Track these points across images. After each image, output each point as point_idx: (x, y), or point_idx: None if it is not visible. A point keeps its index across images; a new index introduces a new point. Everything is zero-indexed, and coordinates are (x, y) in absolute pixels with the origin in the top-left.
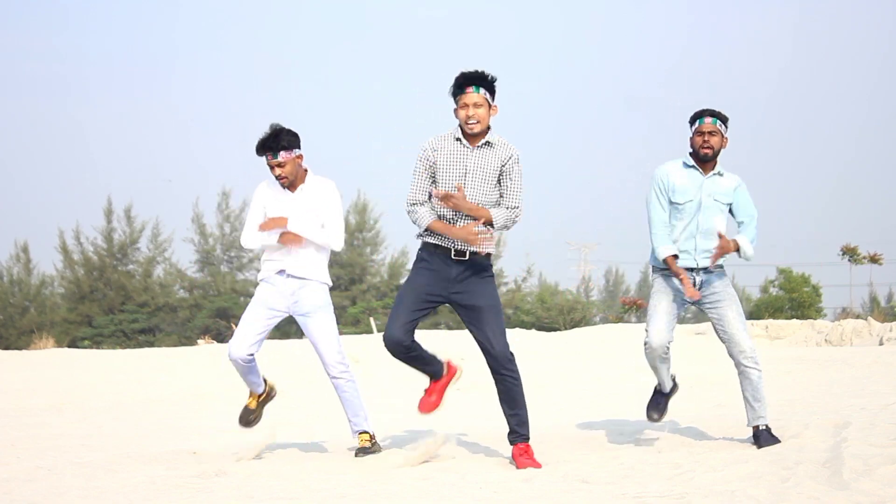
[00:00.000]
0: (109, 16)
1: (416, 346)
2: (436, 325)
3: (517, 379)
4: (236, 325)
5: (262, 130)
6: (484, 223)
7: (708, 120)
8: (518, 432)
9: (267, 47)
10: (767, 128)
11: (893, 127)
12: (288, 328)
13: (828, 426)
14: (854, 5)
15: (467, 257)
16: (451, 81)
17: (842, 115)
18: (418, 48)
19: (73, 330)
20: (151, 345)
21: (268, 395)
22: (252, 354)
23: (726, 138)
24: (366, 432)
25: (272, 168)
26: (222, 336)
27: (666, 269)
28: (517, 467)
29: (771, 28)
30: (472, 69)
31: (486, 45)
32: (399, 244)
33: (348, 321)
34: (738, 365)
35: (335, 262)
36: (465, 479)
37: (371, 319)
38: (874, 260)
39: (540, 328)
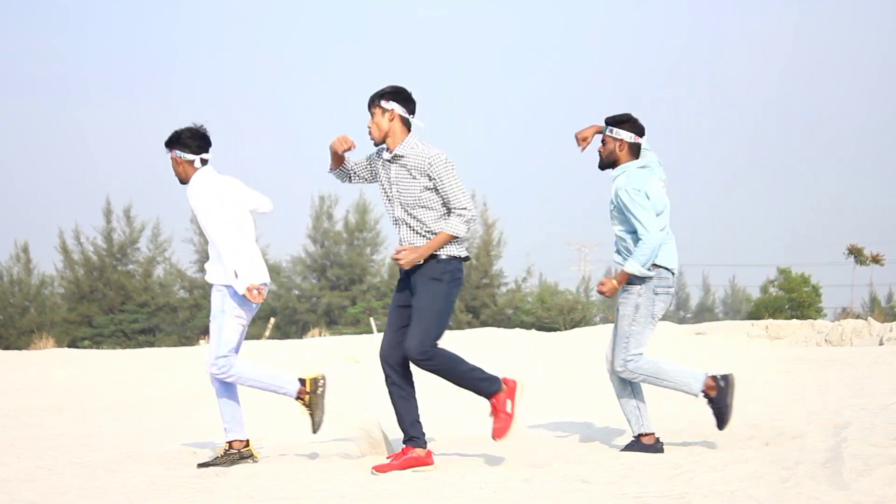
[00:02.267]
0: (109, 16)
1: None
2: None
3: (441, 368)
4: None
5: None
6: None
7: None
8: (484, 392)
9: (267, 47)
10: (768, 128)
11: (893, 127)
12: (288, 328)
13: (828, 426)
14: (855, 5)
15: (423, 262)
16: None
17: (841, 115)
18: (419, 48)
19: (73, 330)
20: (151, 345)
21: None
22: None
23: (615, 138)
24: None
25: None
26: None
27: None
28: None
29: (772, 28)
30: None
31: (486, 45)
32: None
33: (348, 321)
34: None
35: (335, 262)
36: (465, 479)
37: (371, 319)
38: (875, 260)
39: (540, 328)
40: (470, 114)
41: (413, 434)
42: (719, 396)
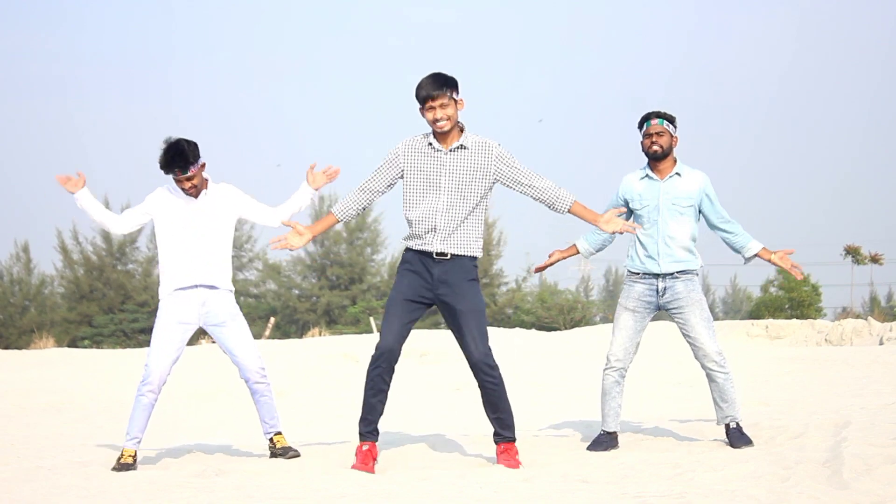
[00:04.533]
0: (106, 17)
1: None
2: (436, 325)
3: (498, 384)
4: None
5: (159, 146)
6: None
7: (654, 121)
8: (501, 434)
9: (266, 49)
10: (769, 128)
11: (892, 127)
12: (288, 328)
13: (828, 426)
14: (856, 7)
15: (448, 258)
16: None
17: (841, 115)
18: (419, 48)
19: (73, 330)
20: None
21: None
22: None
23: (676, 137)
24: (281, 433)
25: (181, 182)
26: None
27: (631, 273)
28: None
29: (773, 29)
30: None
31: (486, 45)
32: (399, 244)
33: (348, 321)
34: (703, 368)
35: (335, 261)
36: (465, 479)
37: (371, 319)
38: (875, 260)
39: (540, 328)
40: (470, 113)
41: (373, 430)
42: (738, 435)
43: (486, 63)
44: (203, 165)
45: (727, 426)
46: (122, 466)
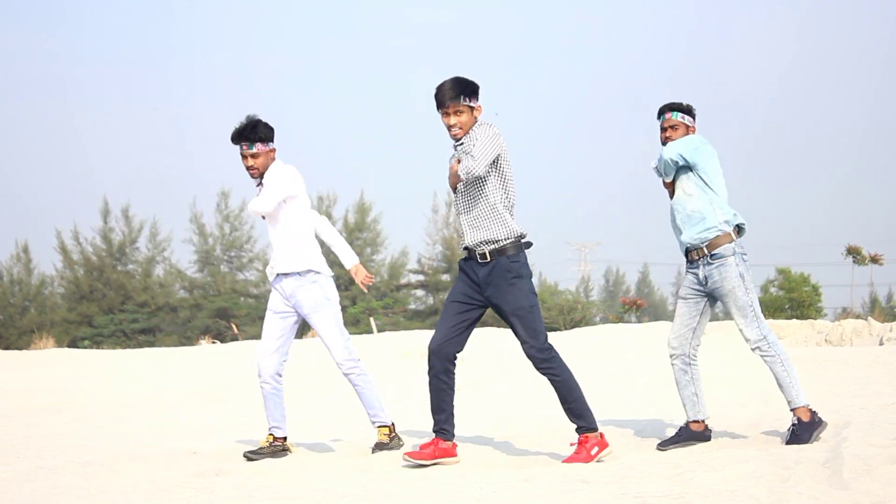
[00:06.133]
0: (106, 17)
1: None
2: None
3: (558, 374)
4: (238, 327)
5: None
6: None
7: (668, 115)
8: (577, 424)
9: (266, 49)
10: (769, 128)
11: (892, 127)
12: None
13: (828, 426)
14: (856, 6)
15: (489, 259)
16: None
17: (842, 115)
18: (420, 49)
19: (73, 330)
20: (151, 345)
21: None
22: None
23: (692, 127)
24: (385, 425)
25: (244, 158)
26: (223, 336)
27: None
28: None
29: (774, 29)
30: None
31: (487, 45)
32: (399, 244)
33: (348, 321)
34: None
35: (335, 262)
36: (465, 479)
37: (371, 319)
38: (874, 260)
39: None
40: None
41: (444, 427)
42: (807, 425)
43: (486, 63)
44: (272, 151)
45: (793, 414)
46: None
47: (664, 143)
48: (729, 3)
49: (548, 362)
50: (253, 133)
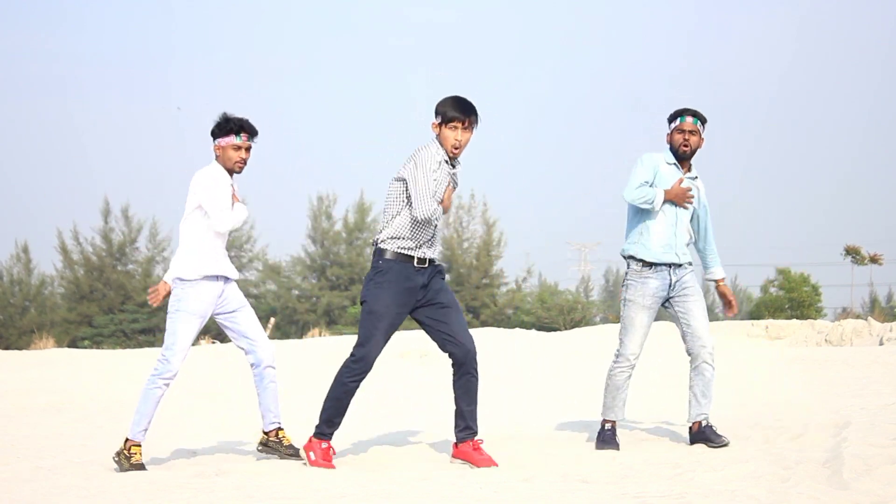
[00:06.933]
0: (106, 17)
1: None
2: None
3: (477, 376)
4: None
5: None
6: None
7: (689, 119)
8: (474, 428)
9: (266, 49)
10: (769, 128)
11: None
12: (287, 328)
13: (828, 426)
14: (856, 7)
15: (427, 265)
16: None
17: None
18: (420, 49)
19: (73, 330)
20: (151, 345)
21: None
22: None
23: (703, 139)
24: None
25: (243, 150)
26: (223, 336)
27: (644, 265)
28: (476, 466)
29: (774, 29)
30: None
31: (487, 45)
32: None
33: (348, 321)
34: (695, 359)
35: (335, 262)
36: (465, 479)
37: None
38: (874, 260)
39: (540, 328)
40: None
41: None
42: (714, 432)
43: (486, 63)
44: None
45: (699, 423)
46: (135, 466)
47: (681, 144)
48: (729, 3)
49: (477, 360)
50: (252, 127)
